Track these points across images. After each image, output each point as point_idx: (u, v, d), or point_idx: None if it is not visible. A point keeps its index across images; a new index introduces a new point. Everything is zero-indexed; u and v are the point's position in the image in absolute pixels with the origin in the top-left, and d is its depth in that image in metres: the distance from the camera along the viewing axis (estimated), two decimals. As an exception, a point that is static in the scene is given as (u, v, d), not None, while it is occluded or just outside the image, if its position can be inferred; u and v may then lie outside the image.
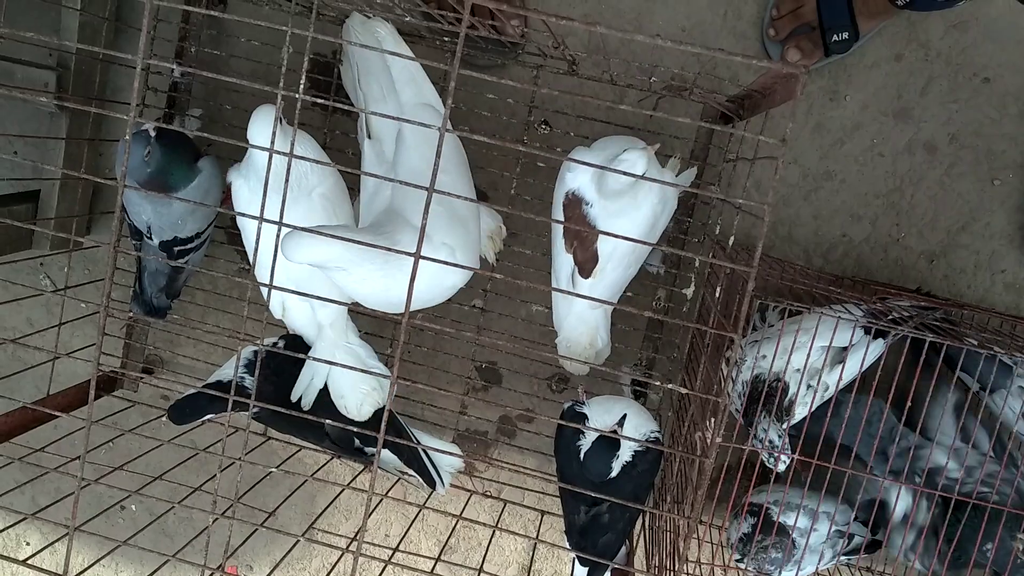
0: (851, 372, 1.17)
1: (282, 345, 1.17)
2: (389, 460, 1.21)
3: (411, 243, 0.96)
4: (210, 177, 1.15)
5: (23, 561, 0.79)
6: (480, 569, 1.19)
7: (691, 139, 1.34)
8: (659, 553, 1.18)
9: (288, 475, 1.45)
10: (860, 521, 1.30)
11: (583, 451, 1.07)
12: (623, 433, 1.06)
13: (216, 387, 1.11)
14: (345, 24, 1.16)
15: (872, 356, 1.18)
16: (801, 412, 1.17)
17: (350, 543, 1.28)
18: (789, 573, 1.26)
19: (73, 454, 1.25)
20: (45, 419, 1.27)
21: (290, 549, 1.59)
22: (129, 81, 1.45)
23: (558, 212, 1.10)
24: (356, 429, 0.82)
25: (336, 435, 1.15)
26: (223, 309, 1.49)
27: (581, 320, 1.12)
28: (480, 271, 0.79)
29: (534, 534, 1.53)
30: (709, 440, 0.99)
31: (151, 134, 1.08)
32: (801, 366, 1.15)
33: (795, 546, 1.25)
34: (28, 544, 1.80)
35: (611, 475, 1.06)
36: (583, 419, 1.11)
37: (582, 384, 1.33)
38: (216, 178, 1.16)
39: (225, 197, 1.20)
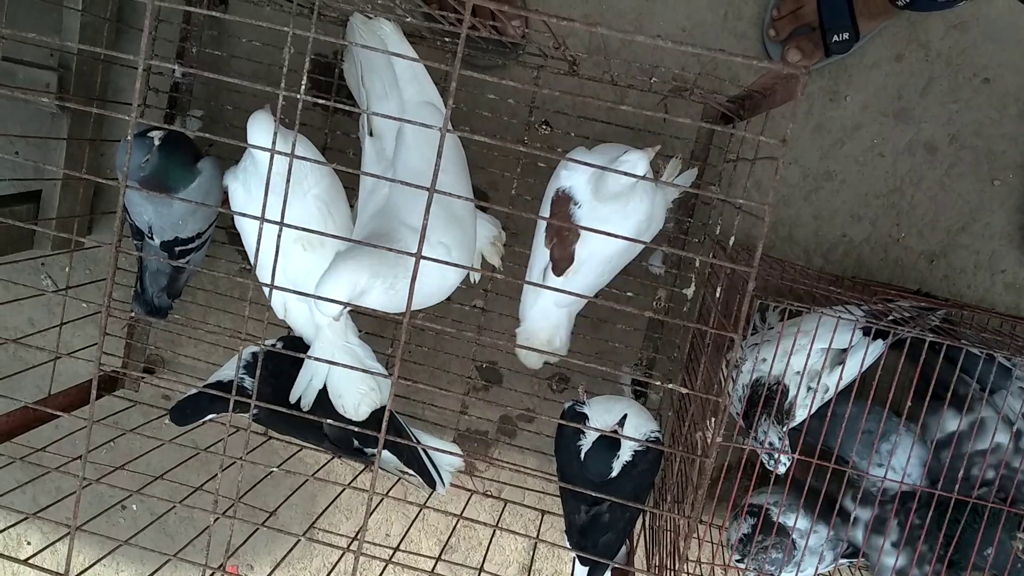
0: (851, 373, 1.17)
1: (280, 347, 1.17)
2: (389, 460, 1.21)
3: (411, 246, 0.97)
4: (211, 178, 1.15)
5: (24, 561, 0.80)
6: (481, 569, 1.19)
7: (691, 139, 1.34)
8: (659, 553, 1.19)
9: (289, 475, 1.45)
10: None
11: (583, 451, 1.07)
12: (623, 433, 1.06)
13: (217, 388, 1.11)
14: (349, 23, 1.16)
15: (871, 357, 1.18)
16: (801, 414, 1.17)
17: (351, 543, 1.28)
18: (789, 574, 1.26)
19: (74, 454, 1.25)
20: (46, 419, 1.28)
21: (291, 549, 1.59)
22: (130, 81, 1.46)
23: (546, 207, 1.11)
24: (356, 429, 0.83)
25: (335, 435, 1.15)
26: (224, 309, 1.49)
27: (544, 316, 1.13)
28: (483, 272, 0.80)
29: (535, 534, 1.53)
30: (709, 440, 0.99)
31: (156, 143, 1.08)
32: (801, 368, 1.15)
33: (795, 547, 1.25)
34: (29, 543, 1.80)
35: (611, 475, 1.06)
36: (583, 419, 1.11)
37: (583, 384, 1.33)
38: (217, 179, 1.16)
39: (226, 198, 1.20)
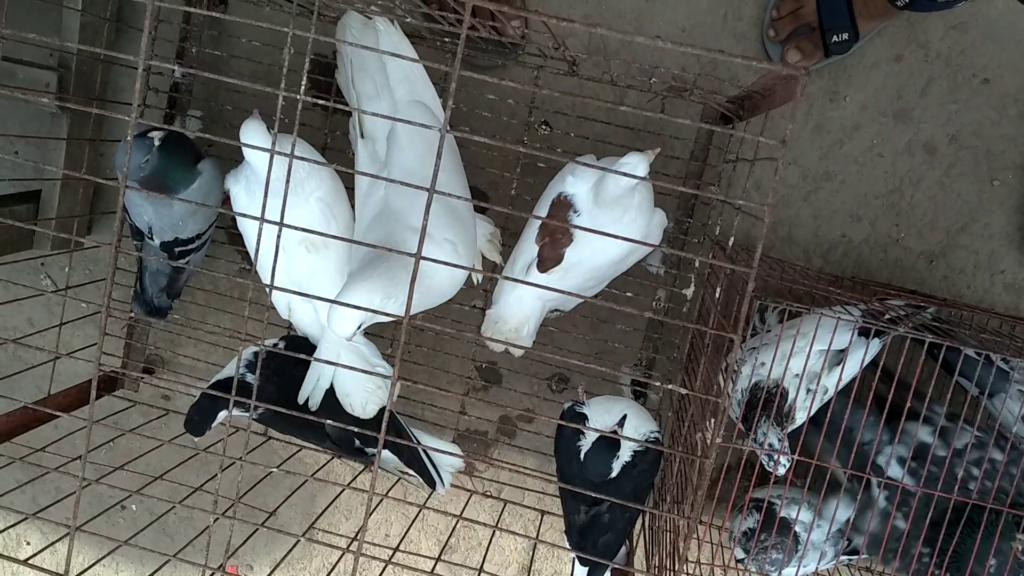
0: (850, 373, 1.17)
1: (283, 346, 1.17)
2: (389, 460, 1.21)
3: (425, 247, 0.98)
4: (211, 179, 1.15)
5: (24, 561, 0.80)
6: (480, 569, 1.19)
7: (691, 140, 1.35)
8: (659, 553, 1.19)
9: (288, 475, 1.45)
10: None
11: (583, 451, 1.07)
12: (623, 433, 1.06)
13: (219, 387, 1.11)
14: (340, 22, 1.16)
15: (870, 355, 1.18)
16: (801, 417, 1.17)
17: (350, 543, 1.28)
18: (790, 570, 1.26)
19: (74, 454, 1.25)
20: (46, 419, 1.28)
21: (291, 549, 1.60)
22: (130, 81, 1.46)
23: (544, 206, 1.11)
24: (356, 430, 0.83)
25: (336, 435, 1.15)
26: (224, 309, 1.49)
27: (519, 303, 1.12)
28: (484, 273, 0.80)
29: (534, 534, 1.53)
30: (709, 441, 0.99)
31: (156, 143, 1.08)
32: (800, 371, 1.15)
33: (797, 541, 1.24)
34: (28, 544, 1.80)
35: (611, 475, 1.06)
36: (583, 419, 1.11)
37: (582, 384, 1.33)
38: (217, 180, 1.16)
39: (226, 198, 1.20)
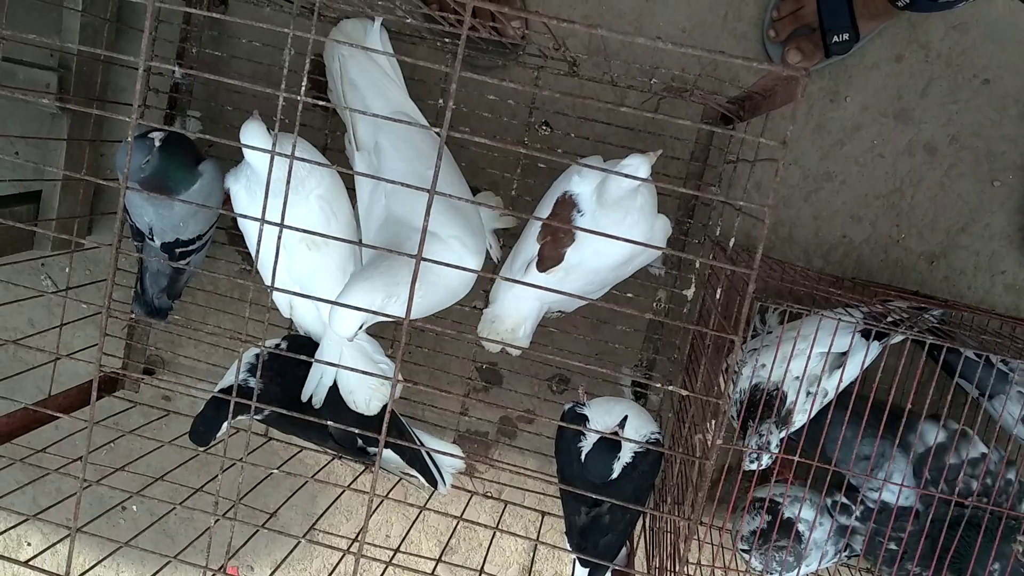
0: (850, 376, 1.17)
1: (285, 346, 1.17)
2: (392, 460, 1.21)
3: (430, 250, 0.98)
4: (211, 180, 1.15)
5: (25, 562, 0.80)
6: (481, 570, 1.19)
7: (691, 140, 1.35)
8: (659, 554, 1.18)
9: (289, 476, 1.45)
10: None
11: (584, 452, 1.07)
12: (623, 434, 1.06)
13: (225, 394, 1.11)
14: (327, 48, 1.17)
15: (870, 358, 1.18)
16: (800, 419, 1.17)
17: (351, 544, 1.28)
18: (791, 573, 1.26)
19: (74, 454, 1.25)
20: (46, 420, 1.28)
21: (291, 550, 1.60)
22: (131, 81, 1.46)
23: (548, 204, 1.10)
24: (358, 431, 0.83)
25: (339, 435, 1.15)
26: (224, 310, 1.49)
27: (517, 303, 1.11)
28: (483, 274, 0.80)
29: (535, 535, 1.53)
30: (709, 442, 0.99)
31: (156, 144, 1.08)
32: (800, 373, 1.15)
33: (800, 539, 1.24)
34: (29, 545, 1.80)
35: (612, 476, 1.06)
36: (584, 420, 1.11)
37: (582, 385, 1.33)
38: (218, 181, 1.16)
39: (227, 199, 1.20)
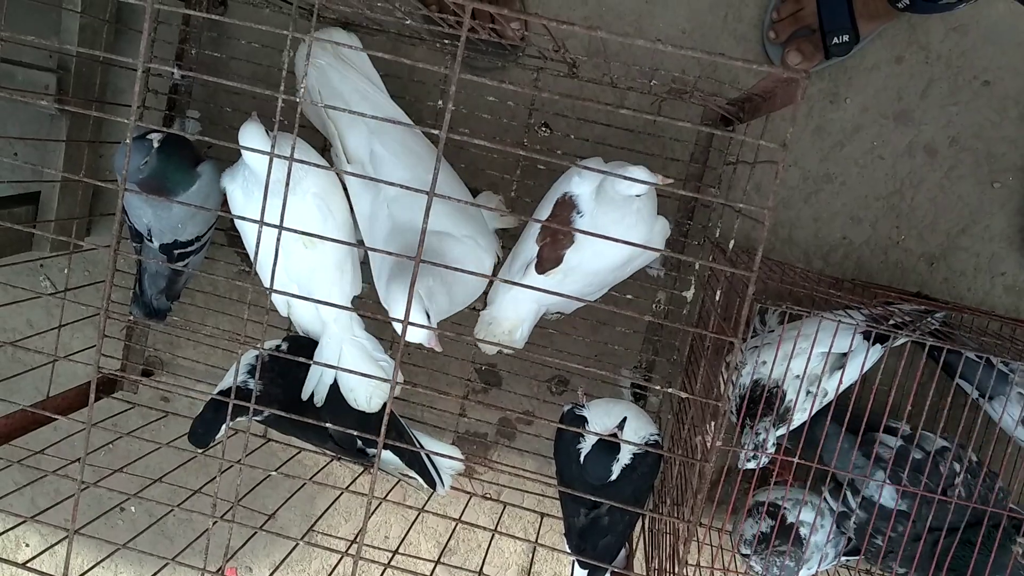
0: (851, 377, 1.17)
1: (285, 348, 1.17)
2: (391, 461, 1.21)
3: (448, 248, 0.99)
4: (210, 182, 1.15)
5: (23, 564, 0.79)
6: (480, 571, 1.18)
7: (691, 142, 1.34)
8: (659, 556, 1.18)
9: (288, 477, 1.45)
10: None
11: (583, 454, 1.07)
12: (622, 436, 1.06)
13: (224, 396, 1.11)
14: (298, 62, 1.16)
15: (871, 361, 1.18)
16: (800, 418, 1.17)
17: (350, 546, 1.28)
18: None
19: (73, 455, 1.25)
20: (45, 421, 1.27)
21: (290, 552, 1.59)
22: (129, 83, 1.45)
23: (548, 206, 1.10)
24: (357, 433, 0.82)
25: (339, 437, 1.15)
26: (223, 311, 1.49)
27: (515, 304, 1.11)
28: (482, 275, 0.79)
29: (534, 536, 1.53)
30: (709, 444, 0.99)
31: (155, 145, 1.08)
32: (800, 372, 1.15)
33: (801, 541, 1.24)
34: (28, 546, 1.80)
35: (610, 478, 1.06)
36: (583, 422, 1.11)
37: (582, 387, 1.33)
38: (216, 182, 1.16)
39: (226, 200, 1.20)
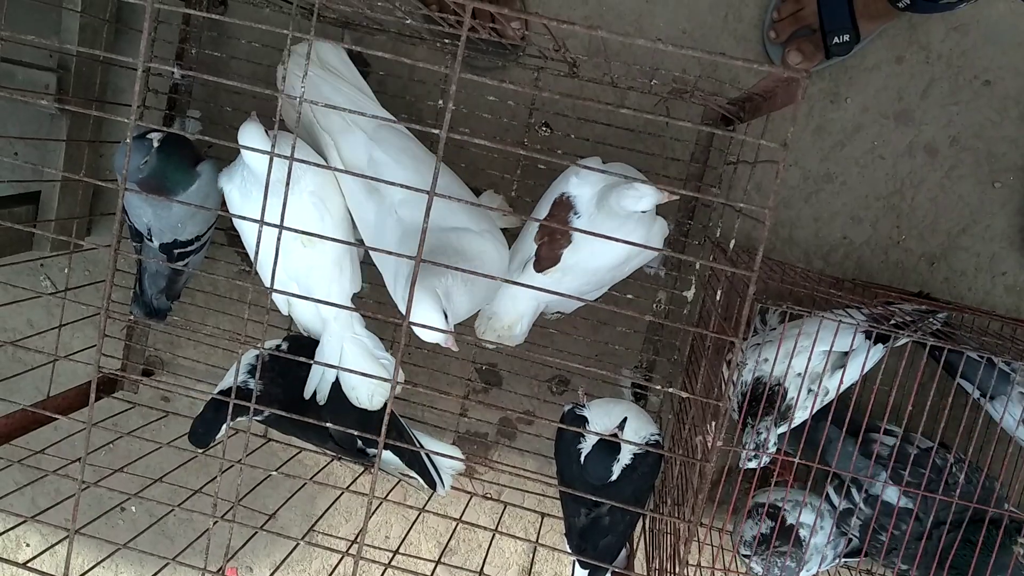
0: (852, 377, 1.17)
1: (286, 347, 1.17)
2: (391, 461, 1.21)
3: (466, 245, 0.99)
4: (210, 181, 1.15)
5: (23, 564, 0.79)
6: (480, 571, 1.18)
7: (692, 142, 1.34)
8: (659, 556, 1.18)
9: (288, 477, 1.45)
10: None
11: (583, 454, 1.07)
12: (623, 436, 1.06)
13: (225, 396, 1.11)
14: (282, 75, 1.16)
15: (872, 361, 1.18)
16: (802, 416, 1.17)
17: (350, 546, 1.28)
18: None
19: (73, 455, 1.25)
20: (45, 421, 1.27)
21: (290, 552, 1.59)
22: (130, 82, 1.45)
23: (545, 205, 1.11)
24: (357, 433, 0.82)
25: (339, 437, 1.15)
26: (223, 311, 1.49)
27: (514, 301, 1.12)
28: (482, 274, 0.79)
29: (534, 536, 1.53)
30: (710, 444, 0.98)
31: (155, 144, 1.08)
32: (802, 370, 1.15)
33: (801, 543, 1.24)
34: (28, 546, 1.80)
35: (611, 478, 1.06)
36: (583, 422, 1.11)
37: (582, 386, 1.33)
38: (216, 182, 1.16)
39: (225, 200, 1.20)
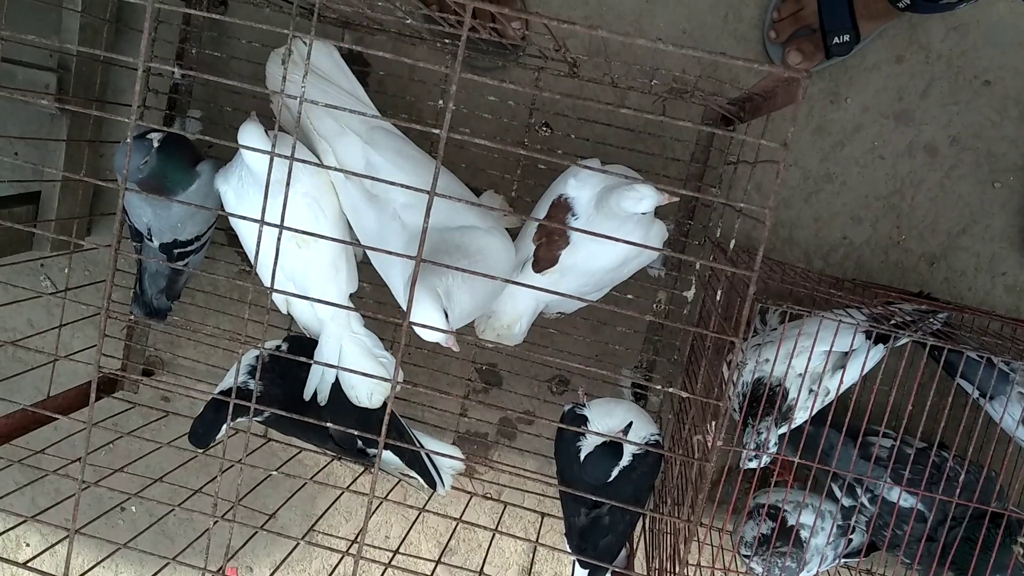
0: (852, 377, 1.17)
1: (285, 348, 1.17)
2: (391, 461, 1.21)
3: (472, 242, 0.99)
4: (210, 181, 1.15)
5: (24, 564, 0.79)
6: (480, 571, 1.18)
7: (692, 142, 1.34)
8: (659, 556, 1.18)
9: (289, 477, 1.45)
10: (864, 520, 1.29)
11: (583, 454, 1.07)
12: (622, 437, 1.06)
13: (225, 396, 1.11)
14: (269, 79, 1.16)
15: (872, 361, 1.18)
16: (802, 416, 1.17)
17: (350, 545, 1.28)
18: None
19: (73, 455, 1.25)
20: (45, 421, 1.27)
21: (290, 551, 1.59)
22: (130, 82, 1.45)
23: (544, 207, 1.11)
24: (357, 433, 0.82)
25: (339, 437, 1.15)
26: (223, 311, 1.49)
27: (513, 301, 1.12)
28: (482, 274, 0.79)
29: (534, 536, 1.53)
30: (709, 443, 0.99)
31: (155, 144, 1.08)
32: (802, 371, 1.15)
33: (801, 543, 1.24)
34: (28, 545, 1.80)
35: (609, 479, 1.06)
36: (583, 421, 1.11)
37: (582, 386, 1.33)
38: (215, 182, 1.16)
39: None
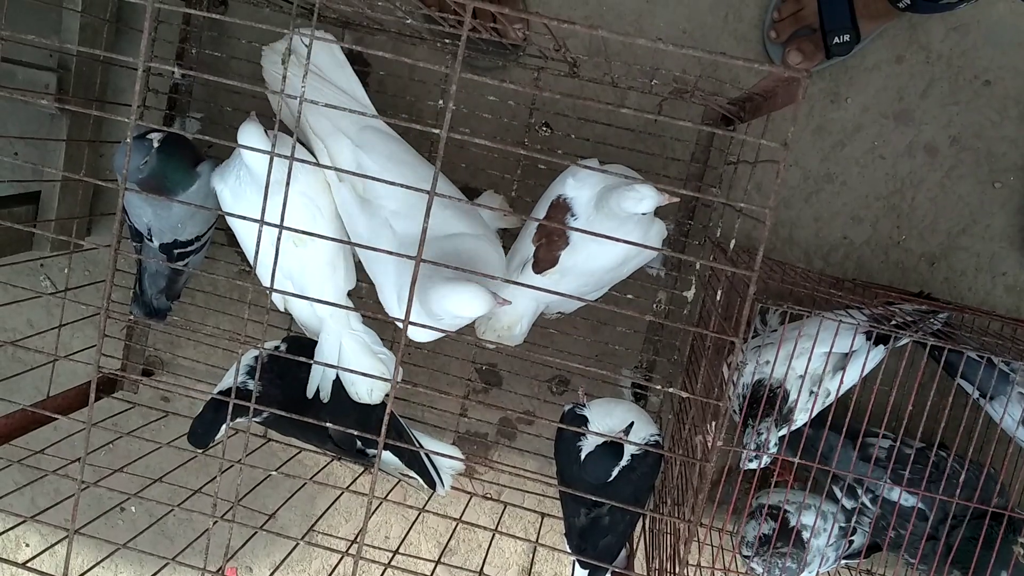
0: (852, 378, 1.17)
1: (284, 348, 1.17)
2: (391, 461, 1.21)
3: (469, 244, 0.99)
4: (210, 181, 1.15)
5: (23, 564, 0.79)
6: (480, 571, 1.18)
7: (692, 141, 1.34)
8: (659, 556, 1.18)
9: (288, 477, 1.45)
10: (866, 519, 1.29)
11: (583, 454, 1.07)
12: (622, 437, 1.06)
13: (225, 396, 1.11)
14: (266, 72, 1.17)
15: (872, 362, 1.18)
16: (803, 418, 1.17)
17: (350, 546, 1.28)
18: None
19: (73, 455, 1.25)
20: (45, 421, 1.27)
21: (290, 552, 1.59)
22: (130, 82, 1.45)
23: (543, 207, 1.11)
24: (357, 433, 0.82)
25: (339, 437, 1.15)
26: (223, 311, 1.49)
27: (514, 302, 1.12)
28: (481, 273, 0.79)
29: (534, 536, 1.53)
30: (710, 444, 0.98)
31: (155, 144, 1.08)
32: (803, 372, 1.15)
33: (803, 544, 1.24)
34: (28, 546, 1.80)
35: (608, 479, 1.06)
36: (583, 421, 1.11)
37: (582, 386, 1.33)
38: (214, 182, 1.16)
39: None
